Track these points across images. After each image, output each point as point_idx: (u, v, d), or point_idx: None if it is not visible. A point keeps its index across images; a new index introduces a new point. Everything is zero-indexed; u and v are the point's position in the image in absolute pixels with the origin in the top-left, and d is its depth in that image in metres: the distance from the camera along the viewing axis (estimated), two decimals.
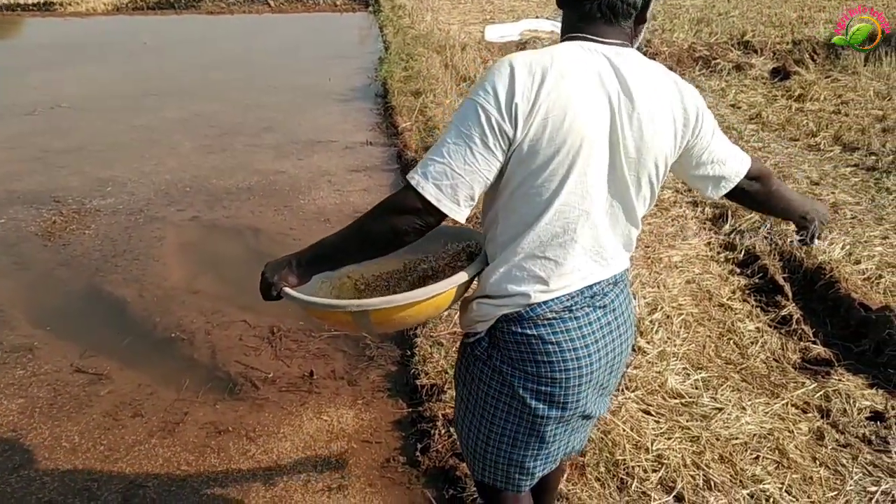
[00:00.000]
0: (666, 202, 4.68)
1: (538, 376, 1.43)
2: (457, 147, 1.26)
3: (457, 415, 1.66)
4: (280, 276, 1.44)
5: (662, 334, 3.20)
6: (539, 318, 1.39)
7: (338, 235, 1.39)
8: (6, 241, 4.44)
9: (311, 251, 1.43)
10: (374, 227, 1.33)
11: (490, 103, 1.24)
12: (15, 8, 16.56)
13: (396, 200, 1.31)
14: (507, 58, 1.29)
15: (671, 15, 12.23)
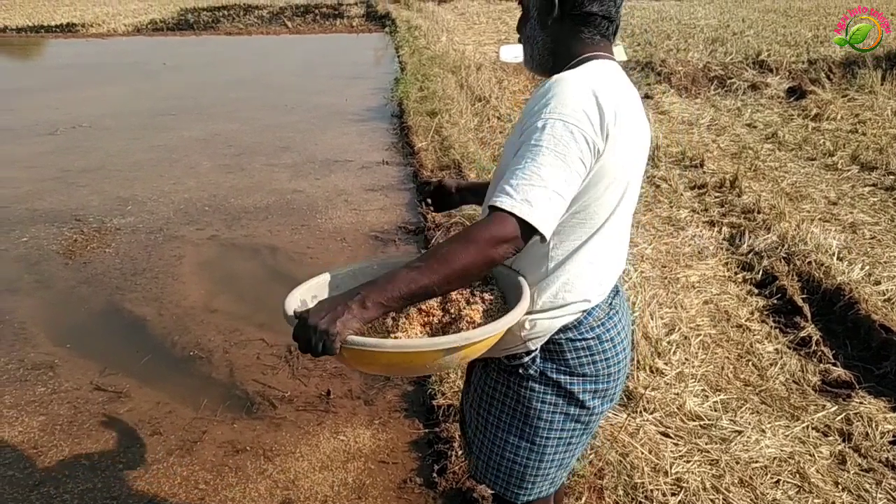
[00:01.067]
0: (682, 222, 4.67)
1: (596, 375, 1.49)
2: (555, 169, 1.24)
3: (488, 444, 1.58)
4: (342, 324, 1.19)
5: (680, 355, 3.18)
6: (595, 321, 1.47)
7: (421, 271, 1.22)
8: (28, 260, 4.51)
9: (388, 291, 1.21)
10: (471, 260, 1.22)
11: (585, 124, 1.26)
12: (39, 29, 16.93)
13: (495, 231, 1.22)
14: (580, 80, 1.31)
15: (686, 35, 12.27)
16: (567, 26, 1.40)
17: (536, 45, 1.44)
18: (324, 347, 1.18)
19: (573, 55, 1.41)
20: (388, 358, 1.26)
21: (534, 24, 1.43)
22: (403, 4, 19.49)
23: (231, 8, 21.06)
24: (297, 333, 1.22)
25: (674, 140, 6.46)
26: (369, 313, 1.21)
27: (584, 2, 1.38)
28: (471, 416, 1.62)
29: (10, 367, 3.35)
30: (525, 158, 1.24)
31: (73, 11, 20.24)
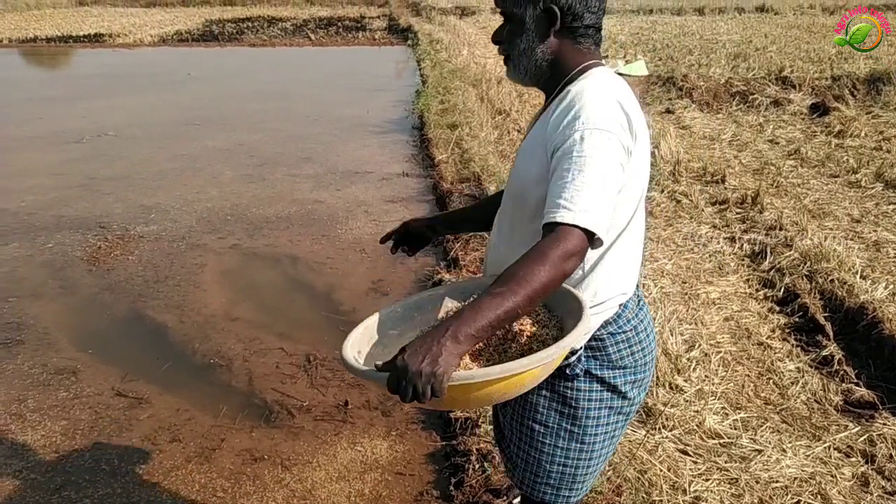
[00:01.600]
0: (703, 238, 4.65)
1: (635, 366, 1.55)
2: (601, 177, 1.29)
3: (536, 453, 1.59)
4: (445, 362, 1.16)
5: (700, 372, 3.16)
6: (630, 313, 1.54)
7: (504, 296, 1.22)
8: (53, 266, 4.58)
9: (477, 321, 1.20)
10: (549, 277, 1.24)
11: (619, 131, 1.34)
12: (67, 39, 17.24)
13: (566, 245, 1.26)
14: (602, 89, 1.38)
15: (707, 50, 12.24)
16: (566, 38, 1.45)
17: (533, 58, 1.46)
18: (433, 391, 1.15)
19: (573, 66, 1.46)
20: (487, 389, 1.24)
21: (531, 36, 1.45)
22: (425, 18, 19.63)
23: (255, 20, 21.33)
24: (395, 384, 1.17)
25: (695, 155, 6.43)
26: (463, 347, 1.19)
27: (583, 15, 1.43)
28: (512, 429, 1.62)
29: (33, 371, 3.40)
30: (571, 171, 1.29)
31: (101, 22, 20.60)
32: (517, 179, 1.49)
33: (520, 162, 1.49)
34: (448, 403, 1.31)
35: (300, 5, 26.27)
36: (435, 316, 1.55)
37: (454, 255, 4.44)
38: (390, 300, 4.08)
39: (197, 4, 26.35)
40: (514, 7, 1.44)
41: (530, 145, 1.47)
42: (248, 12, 23.90)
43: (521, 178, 1.47)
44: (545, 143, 1.39)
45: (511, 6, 1.45)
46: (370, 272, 4.48)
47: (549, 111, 1.43)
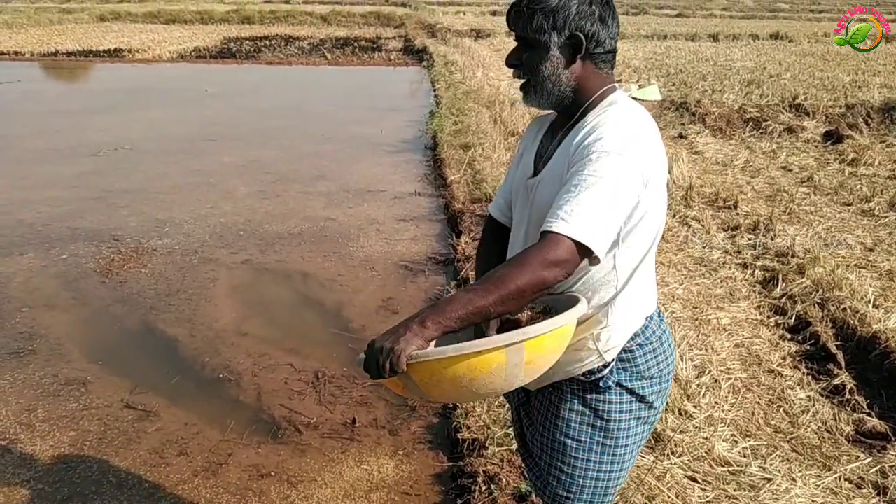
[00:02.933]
0: (714, 263, 4.64)
1: (660, 375, 1.60)
2: (608, 197, 1.32)
3: (568, 469, 1.59)
4: (405, 341, 1.25)
5: (710, 399, 3.14)
6: (655, 325, 1.60)
7: (476, 293, 1.29)
8: (66, 277, 4.62)
9: (446, 312, 1.27)
10: (524, 282, 1.28)
11: (639, 159, 1.37)
12: (88, 54, 17.50)
13: (547, 253, 1.29)
14: (625, 115, 1.43)
15: (721, 76, 12.28)
16: (588, 63, 1.48)
17: (558, 84, 1.47)
18: (391, 366, 1.25)
19: (594, 90, 1.49)
20: (453, 369, 1.29)
21: (557, 62, 1.45)
22: (441, 39, 19.81)
23: (273, 38, 21.58)
24: (366, 360, 1.29)
25: (707, 180, 6.43)
26: (429, 332, 1.27)
27: (605, 41, 1.46)
28: (542, 447, 1.64)
29: (44, 381, 3.42)
30: (579, 186, 1.32)
31: (121, 37, 20.91)
32: (544, 206, 1.43)
33: (546, 190, 1.48)
34: (423, 388, 1.33)
35: (317, 25, 26.56)
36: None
37: (464, 276, 4.45)
38: (400, 318, 4.07)
39: (216, 22, 26.70)
40: (535, 33, 1.44)
41: (555, 172, 1.47)
42: (265, 31, 24.19)
43: (547, 206, 1.40)
44: (567, 168, 1.41)
45: (533, 33, 1.44)
46: (380, 290, 4.49)
47: (572, 137, 1.46)
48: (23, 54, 17.29)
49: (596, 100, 1.48)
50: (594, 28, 1.43)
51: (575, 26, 1.42)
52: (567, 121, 1.52)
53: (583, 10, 1.42)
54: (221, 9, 28.22)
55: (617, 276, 1.49)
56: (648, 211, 1.43)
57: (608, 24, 1.45)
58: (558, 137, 1.54)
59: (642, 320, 1.57)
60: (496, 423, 2.92)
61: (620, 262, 1.48)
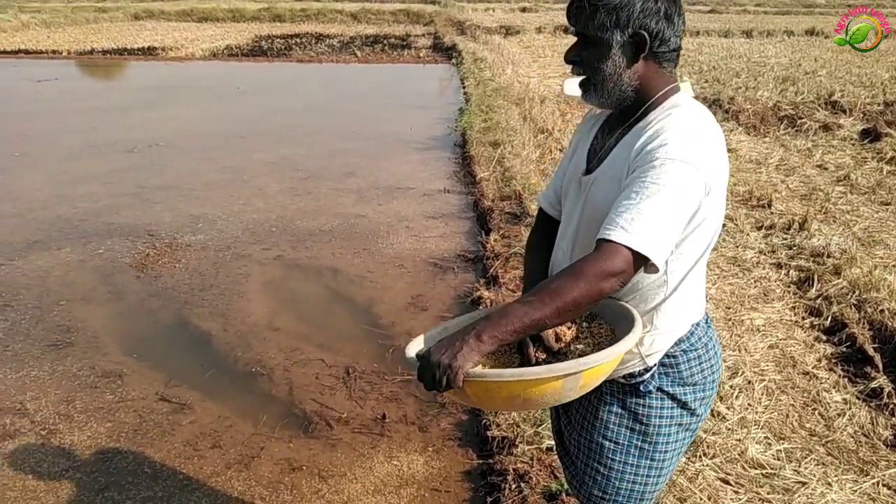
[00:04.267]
0: (748, 263, 4.58)
1: (704, 382, 1.57)
2: (668, 205, 1.28)
3: (605, 470, 1.59)
4: (462, 357, 1.24)
5: (743, 400, 3.10)
6: (701, 331, 1.57)
7: (532, 305, 1.26)
8: (102, 271, 4.71)
9: (502, 325, 1.26)
10: (581, 294, 1.26)
11: (703, 167, 1.32)
12: (123, 52, 17.79)
13: (605, 264, 1.26)
14: (690, 118, 1.38)
15: (755, 73, 12.09)
16: (651, 63, 1.42)
17: (619, 84, 1.42)
18: (447, 381, 1.25)
19: (656, 90, 1.43)
20: (508, 389, 1.29)
21: (619, 61, 1.40)
22: (470, 37, 19.77)
23: (303, 36, 21.73)
24: (420, 371, 1.29)
25: (741, 179, 6.35)
26: (485, 347, 1.26)
27: (671, 39, 1.40)
28: (579, 446, 1.64)
29: (81, 373, 3.50)
30: (640, 194, 1.28)
31: (155, 36, 21.21)
32: (599, 206, 1.43)
33: (601, 189, 1.46)
34: (475, 400, 1.34)
35: (347, 23, 26.68)
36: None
37: (493, 273, 4.44)
38: (429, 315, 4.11)
39: (247, 20, 26.95)
40: (597, 31, 1.38)
41: (613, 174, 1.43)
42: (296, 29, 24.37)
43: (603, 205, 1.40)
44: (626, 171, 1.38)
45: (594, 30, 1.39)
46: (410, 287, 4.51)
47: (633, 138, 1.41)
48: (60, 52, 17.63)
49: (658, 100, 1.42)
50: (659, 26, 1.37)
51: (639, 24, 1.36)
52: (626, 119, 1.47)
53: (648, 6, 1.35)
54: (253, 7, 28.48)
55: (667, 282, 1.47)
56: (706, 218, 1.40)
57: (674, 21, 1.39)
58: (616, 136, 1.48)
59: (688, 326, 1.54)
60: (526, 422, 2.92)
61: (672, 268, 1.45)
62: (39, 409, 3.20)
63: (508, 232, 5.10)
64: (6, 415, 3.15)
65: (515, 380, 1.28)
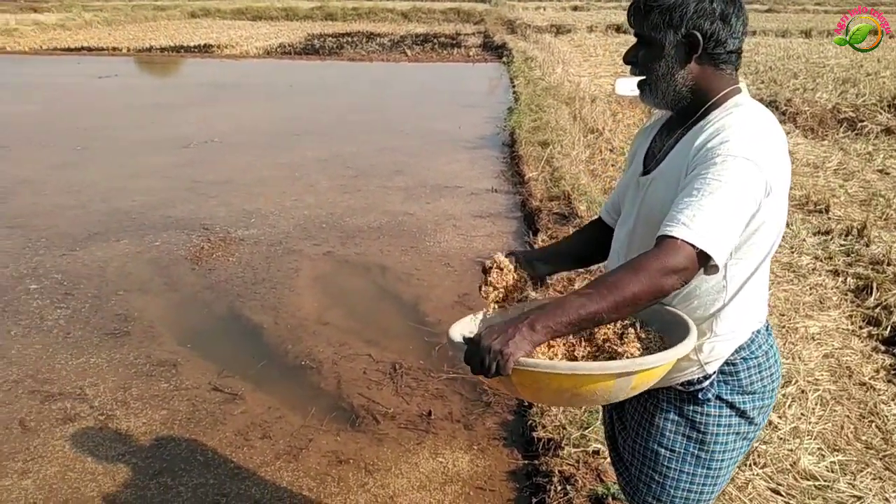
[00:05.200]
0: (804, 269, 4.46)
1: (763, 391, 1.53)
2: (730, 204, 1.27)
3: (660, 478, 1.57)
4: (514, 344, 1.22)
5: (796, 409, 3.03)
6: (762, 339, 1.53)
7: (590, 297, 1.24)
8: (159, 263, 4.85)
9: (557, 316, 1.24)
10: (640, 289, 1.24)
11: (765, 166, 1.30)
12: (179, 49, 18.25)
13: (667, 260, 1.25)
14: (752, 118, 1.36)
15: (814, 74, 11.77)
16: (707, 64, 1.41)
17: (673, 84, 1.42)
18: (497, 367, 1.22)
19: (715, 92, 1.42)
20: (558, 382, 1.28)
21: (671, 61, 1.40)
22: (520, 35, 19.71)
23: (355, 35, 21.96)
24: (469, 355, 1.27)
25: (797, 183, 6.19)
26: (538, 336, 1.24)
27: (727, 41, 1.39)
28: (634, 453, 1.61)
29: (138, 361, 3.61)
30: (702, 191, 1.27)
31: (210, 34, 21.69)
32: (657, 205, 1.43)
33: (659, 189, 1.45)
34: (519, 390, 1.33)
35: (398, 21, 26.87)
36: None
37: None
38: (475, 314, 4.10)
39: (300, 19, 27.37)
40: (651, 31, 1.40)
41: (672, 173, 1.42)
42: (348, 27, 24.64)
43: (661, 205, 1.40)
44: (685, 171, 1.37)
45: (649, 30, 1.40)
46: (456, 286, 4.52)
47: (691, 138, 1.41)
48: (120, 50, 18.18)
49: (719, 101, 1.41)
50: (714, 27, 1.36)
51: (692, 25, 1.36)
52: (685, 120, 1.46)
53: (702, 7, 1.35)
54: (306, 6, 28.89)
55: (726, 287, 1.43)
56: (766, 221, 1.36)
57: (731, 22, 1.37)
58: (675, 136, 1.48)
59: (748, 334, 1.50)
60: (572, 424, 2.91)
61: (731, 272, 1.42)
62: (98, 394, 3.31)
63: (556, 232, 5.08)
64: (67, 399, 3.27)
65: (568, 373, 1.26)
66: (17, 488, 2.69)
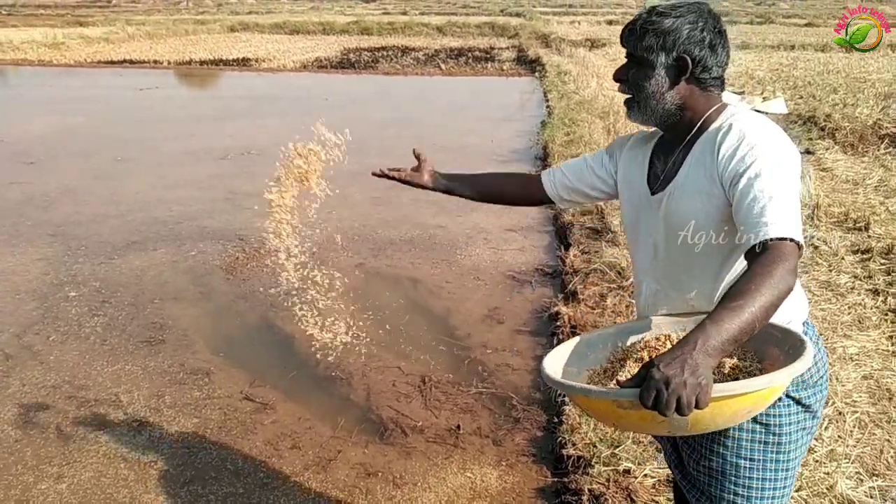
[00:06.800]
0: (842, 288, 4.37)
1: (821, 383, 1.56)
2: (794, 197, 1.36)
3: (743, 490, 1.54)
4: (707, 376, 1.17)
5: (833, 432, 2.96)
6: (810, 329, 1.57)
7: (743, 309, 1.23)
8: (195, 272, 4.93)
9: (721, 333, 1.21)
10: (780, 291, 1.27)
11: (795, 156, 1.42)
12: (218, 63, 18.62)
13: (789, 262, 1.29)
14: (770, 125, 1.45)
15: (854, 89, 11.56)
16: (694, 86, 1.51)
17: (661, 103, 1.52)
18: (697, 401, 1.15)
19: (703, 110, 1.52)
20: (742, 402, 1.25)
21: (661, 81, 1.50)
22: (554, 50, 19.71)
23: (389, 49, 22.18)
24: (653, 395, 1.16)
25: (836, 200, 6.07)
26: (714, 360, 1.20)
27: (713, 68, 1.50)
28: (711, 473, 1.57)
29: (172, 369, 3.67)
30: (766, 192, 1.34)
31: (249, 47, 22.10)
32: (683, 215, 1.51)
33: (684, 202, 1.51)
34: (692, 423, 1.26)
35: (433, 36, 27.08)
36: (605, 355, 1.59)
37: (572, 289, 4.40)
38: (506, 329, 4.11)
39: (336, 33, 27.75)
40: (644, 52, 1.50)
41: (693, 184, 1.49)
42: (383, 42, 24.90)
43: (690, 217, 1.49)
44: (716, 178, 1.44)
45: (642, 51, 1.51)
46: (486, 299, 4.52)
47: (704, 149, 1.48)
48: (161, 62, 18.61)
49: (711, 116, 1.51)
50: (702, 54, 1.48)
51: (683, 49, 1.47)
52: (681, 139, 1.55)
53: (693, 35, 1.47)
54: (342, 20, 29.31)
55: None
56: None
57: (717, 52, 1.49)
58: (677, 154, 1.56)
59: (800, 326, 1.53)
60: (602, 442, 2.88)
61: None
62: (132, 401, 3.37)
63: (588, 247, 5.05)
64: (102, 405, 3.33)
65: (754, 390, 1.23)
66: (52, 492, 2.75)
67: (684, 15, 1.48)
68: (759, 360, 1.43)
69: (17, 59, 19.58)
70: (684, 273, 1.58)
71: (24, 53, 20.26)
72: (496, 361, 3.74)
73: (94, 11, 43.12)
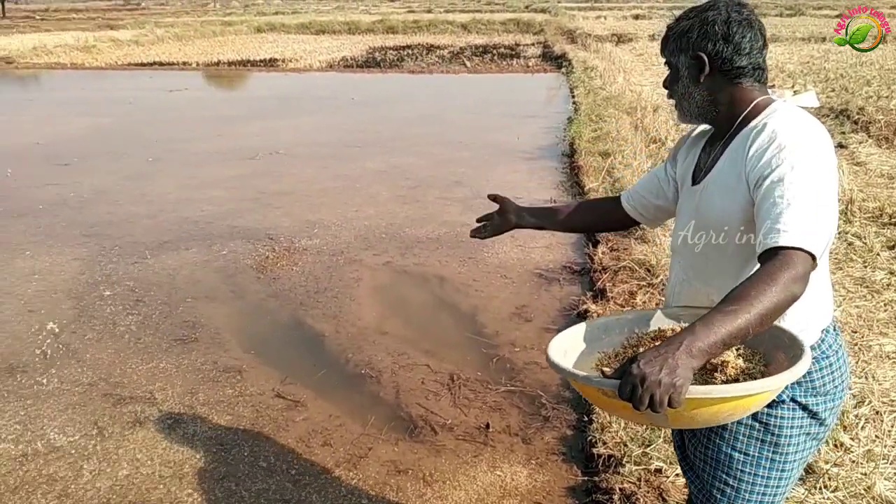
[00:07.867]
0: (878, 284, 4.29)
1: (834, 392, 1.54)
2: (820, 205, 1.33)
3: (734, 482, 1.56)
4: (683, 376, 1.18)
5: (870, 431, 2.91)
6: (832, 339, 1.54)
7: (736, 313, 1.24)
8: (226, 272, 4.99)
9: (709, 336, 1.22)
10: (779, 299, 1.26)
11: (829, 159, 1.38)
12: (246, 63, 18.81)
13: (795, 269, 1.28)
14: (807, 123, 1.42)
15: (888, 81, 11.33)
16: (720, 80, 1.52)
17: (694, 100, 1.55)
18: (670, 401, 1.18)
19: (743, 102, 1.51)
20: (712, 408, 1.27)
21: (686, 82, 1.55)
22: (580, 45, 19.58)
23: (415, 48, 22.23)
24: (630, 390, 1.20)
25: (871, 194, 5.95)
26: (697, 361, 1.21)
27: (733, 58, 1.49)
28: (707, 460, 1.61)
29: (205, 367, 3.72)
30: (786, 197, 1.32)
31: (276, 48, 22.30)
32: (712, 211, 1.52)
33: (714, 197, 1.52)
34: (675, 419, 1.29)
35: (458, 33, 27.07)
36: (620, 340, 1.59)
37: (601, 287, 4.38)
38: (533, 327, 4.10)
39: (362, 32, 27.88)
40: (670, 56, 1.58)
41: (723, 181, 1.50)
42: (408, 40, 24.96)
43: (717, 213, 1.51)
44: (743, 176, 1.44)
45: (669, 55, 1.59)
46: (514, 297, 4.51)
47: (738, 146, 1.47)
48: (190, 64, 18.87)
49: (753, 111, 1.49)
50: (717, 48, 1.48)
51: (697, 47, 1.50)
52: (725, 131, 1.55)
53: (705, 31, 1.49)
54: (368, 20, 29.43)
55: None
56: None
57: (735, 42, 1.48)
58: (718, 147, 1.57)
59: (818, 333, 1.52)
60: (633, 441, 2.86)
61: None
62: (166, 399, 3.43)
63: (617, 245, 5.02)
64: (137, 403, 3.39)
65: (739, 394, 1.24)
66: (91, 488, 2.80)
67: (700, 13, 1.50)
68: (766, 364, 1.41)
69: (50, 62, 20.00)
70: (708, 267, 1.58)
71: (58, 57, 20.68)
72: (524, 359, 3.74)
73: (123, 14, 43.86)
